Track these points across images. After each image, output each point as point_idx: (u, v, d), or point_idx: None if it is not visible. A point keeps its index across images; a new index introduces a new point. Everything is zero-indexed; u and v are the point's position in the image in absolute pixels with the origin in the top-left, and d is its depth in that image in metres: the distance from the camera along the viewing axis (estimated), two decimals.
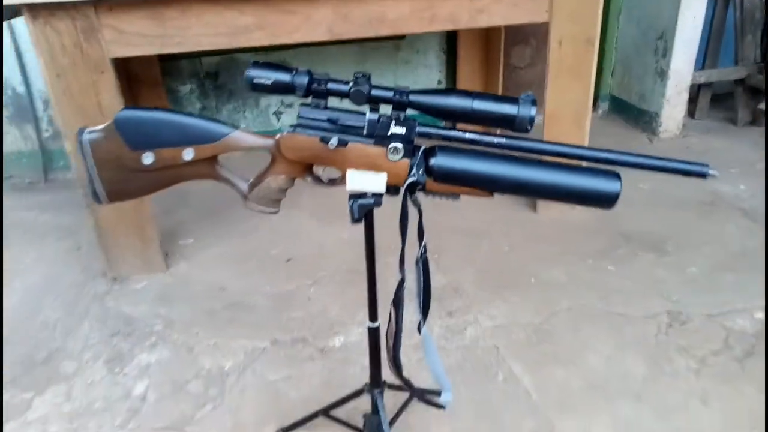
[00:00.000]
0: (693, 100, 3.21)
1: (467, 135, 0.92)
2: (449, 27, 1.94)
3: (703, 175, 0.91)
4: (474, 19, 1.91)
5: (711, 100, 3.23)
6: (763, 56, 3.00)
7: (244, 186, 0.98)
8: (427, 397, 1.32)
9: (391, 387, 1.29)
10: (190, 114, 0.94)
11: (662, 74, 2.94)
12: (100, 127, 0.92)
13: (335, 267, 2.04)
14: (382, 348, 1.16)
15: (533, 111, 0.87)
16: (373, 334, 1.17)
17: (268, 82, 0.87)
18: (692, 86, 3.06)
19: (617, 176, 0.91)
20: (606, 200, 0.91)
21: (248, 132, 0.94)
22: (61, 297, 1.93)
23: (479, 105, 0.88)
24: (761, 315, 1.70)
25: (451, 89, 0.92)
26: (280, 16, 1.74)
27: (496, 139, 0.91)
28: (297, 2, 1.73)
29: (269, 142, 0.94)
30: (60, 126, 1.69)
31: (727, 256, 2.01)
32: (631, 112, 3.24)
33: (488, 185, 0.93)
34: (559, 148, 0.91)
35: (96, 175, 0.95)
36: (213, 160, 0.95)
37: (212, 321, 1.80)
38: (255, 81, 0.87)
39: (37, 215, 2.49)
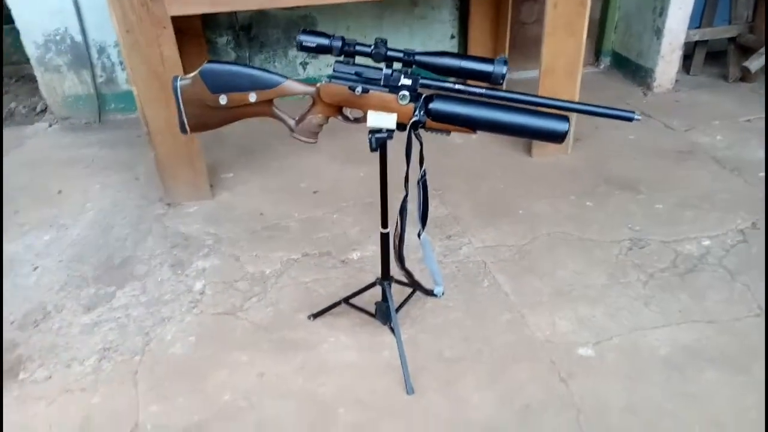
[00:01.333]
0: (690, 57, 3.43)
1: (456, 86, 1.25)
2: None
3: (629, 119, 1.23)
4: None
5: (707, 57, 3.44)
6: (754, 15, 3.19)
7: (291, 122, 1.33)
8: (424, 289, 1.69)
9: (398, 282, 1.67)
10: (254, 67, 1.28)
11: (658, 32, 3.16)
12: (189, 76, 1.27)
13: (353, 199, 2.40)
14: (391, 249, 1.53)
15: (504, 69, 1.19)
16: (384, 238, 1.54)
17: (313, 45, 1.20)
18: (689, 43, 3.27)
19: (567, 119, 1.24)
20: (557, 136, 1.25)
21: (296, 81, 1.28)
22: (128, 217, 2.34)
23: (465, 64, 1.20)
24: (708, 242, 2.04)
25: (445, 52, 1.23)
26: None
27: (477, 90, 1.24)
28: None
29: (311, 89, 1.28)
30: (129, 73, 2.03)
31: (692, 196, 2.33)
32: (630, 67, 3.47)
33: (471, 124, 1.27)
34: (521, 96, 1.24)
35: (184, 111, 1.30)
36: (270, 102, 1.30)
37: (254, 238, 2.19)
38: (304, 44, 1.20)
39: (96, 151, 2.88)
